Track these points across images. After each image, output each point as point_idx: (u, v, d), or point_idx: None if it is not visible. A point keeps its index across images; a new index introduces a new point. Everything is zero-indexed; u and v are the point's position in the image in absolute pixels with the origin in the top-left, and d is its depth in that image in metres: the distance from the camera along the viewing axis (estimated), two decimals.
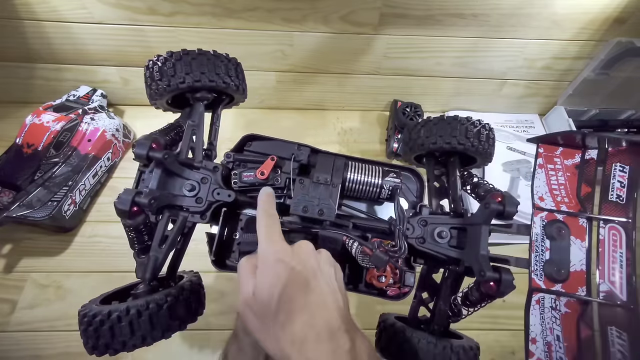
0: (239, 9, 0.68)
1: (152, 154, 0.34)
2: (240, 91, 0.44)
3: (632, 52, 0.72)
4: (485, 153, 0.42)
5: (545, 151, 0.37)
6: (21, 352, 0.58)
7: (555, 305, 0.33)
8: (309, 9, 0.68)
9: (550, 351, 0.32)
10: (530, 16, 0.71)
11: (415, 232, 0.38)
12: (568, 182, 0.36)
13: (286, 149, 0.42)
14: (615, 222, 0.33)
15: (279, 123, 0.89)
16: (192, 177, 0.37)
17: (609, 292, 0.32)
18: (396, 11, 0.69)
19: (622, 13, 0.70)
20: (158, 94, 0.39)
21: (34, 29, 0.71)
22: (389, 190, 0.41)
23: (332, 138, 0.87)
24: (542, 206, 0.35)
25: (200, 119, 0.40)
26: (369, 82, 0.85)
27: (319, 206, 0.38)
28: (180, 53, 0.38)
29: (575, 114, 0.86)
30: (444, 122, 0.43)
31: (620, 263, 0.32)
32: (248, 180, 0.39)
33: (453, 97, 0.89)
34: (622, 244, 0.32)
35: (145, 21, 0.70)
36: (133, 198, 0.32)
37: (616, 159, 0.34)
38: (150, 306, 0.31)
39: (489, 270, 0.33)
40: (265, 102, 0.89)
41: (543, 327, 0.33)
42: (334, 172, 0.40)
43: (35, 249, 0.67)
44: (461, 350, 0.36)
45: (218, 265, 0.38)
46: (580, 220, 0.35)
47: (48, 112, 0.71)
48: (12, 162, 0.67)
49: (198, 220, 0.37)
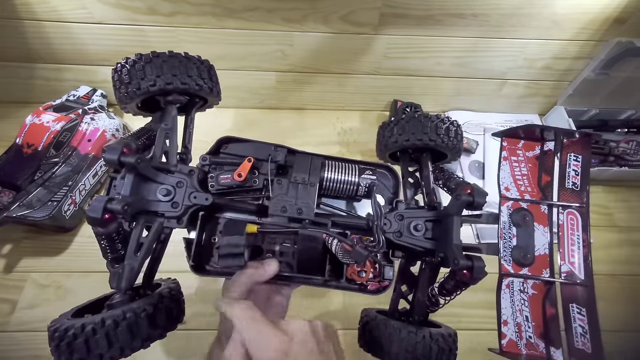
0: (239, 9, 0.68)
1: (124, 159, 0.33)
2: (215, 93, 0.43)
3: (632, 52, 0.72)
4: (454, 148, 0.45)
5: (508, 144, 0.40)
6: (21, 352, 0.58)
7: (523, 287, 0.36)
8: (309, 9, 0.68)
9: (520, 331, 0.35)
10: (530, 16, 0.71)
11: (392, 227, 0.39)
12: (530, 173, 0.39)
13: (263, 151, 0.42)
14: (572, 208, 0.37)
15: (279, 123, 0.89)
16: (166, 181, 0.36)
17: (569, 272, 0.35)
18: (396, 11, 0.69)
19: (622, 13, 0.70)
20: (128, 98, 0.37)
21: (34, 29, 0.71)
22: (365, 188, 0.42)
23: (332, 138, 0.87)
24: (508, 196, 0.38)
25: (173, 122, 0.39)
26: (369, 82, 0.85)
27: (297, 205, 0.38)
28: (149, 55, 0.37)
29: (575, 114, 0.86)
30: (416, 120, 0.45)
31: (577, 245, 0.36)
32: (225, 183, 0.38)
33: (453, 97, 0.89)
34: (579, 227, 0.36)
35: (145, 21, 0.70)
36: (105, 205, 0.31)
37: (570, 149, 0.38)
38: (127, 316, 0.30)
39: (462, 258, 0.34)
40: (265, 102, 0.89)
41: (513, 310, 0.36)
42: (311, 172, 0.40)
43: (35, 249, 0.67)
44: (440, 337, 0.37)
45: (197, 270, 0.38)
46: (542, 208, 0.38)
47: (48, 112, 0.71)
48: (12, 162, 0.67)
49: (175, 225, 0.35)
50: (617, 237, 0.77)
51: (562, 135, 0.38)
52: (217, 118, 0.87)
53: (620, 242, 0.76)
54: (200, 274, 0.38)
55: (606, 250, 0.75)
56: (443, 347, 0.36)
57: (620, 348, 0.64)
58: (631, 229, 0.78)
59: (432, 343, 0.36)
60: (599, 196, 0.82)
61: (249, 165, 0.38)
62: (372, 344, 0.40)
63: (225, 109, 0.89)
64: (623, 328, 0.66)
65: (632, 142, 0.85)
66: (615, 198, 0.82)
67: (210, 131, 0.85)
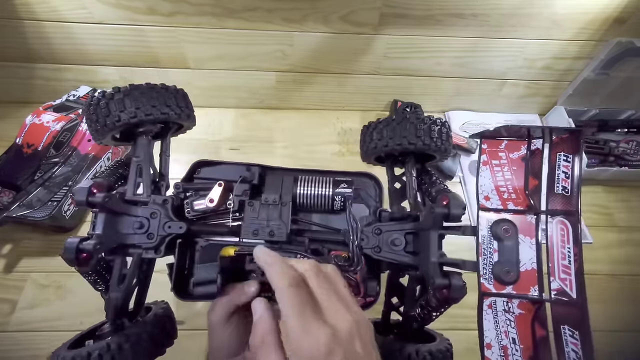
0: (239, 9, 0.68)
1: (92, 200, 0.33)
2: (191, 119, 0.44)
3: (632, 52, 0.72)
4: (439, 149, 0.41)
5: (489, 147, 0.35)
6: (21, 352, 0.58)
7: (508, 307, 0.32)
8: (309, 9, 0.68)
9: (506, 355, 0.31)
10: (530, 16, 0.71)
11: (370, 242, 0.37)
12: (514, 176, 0.34)
13: (235, 172, 0.41)
14: (562, 216, 0.32)
15: (279, 123, 0.89)
16: (140, 213, 0.36)
17: (559, 289, 0.31)
18: (396, 11, 0.69)
19: (622, 13, 0.70)
20: (99, 134, 0.38)
21: (34, 29, 0.71)
22: (341, 202, 0.40)
23: (332, 138, 0.87)
24: (488, 206, 0.34)
25: (145, 153, 0.39)
26: (369, 82, 0.85)
27: (269, 228, 0.37)
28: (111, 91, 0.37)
29: (575, 114, 0.86)
30: (394, 122, 0.42)
31: (568, 259, 0.31)
32: (200, 209, 0.38)
33: (453, 97, 0.89)
34: (570, 238, 0.31)
35: (145, 21, 0.70)
36: (77, 246, 0.31)
37: (560, 148, 0.33)
38: (111, 348, 0.31)
39: (438, 277, 0.32)
40: (265, 102, 0.89)
41: (497, 331, 0.32)
42: (283, 190, 0.39)
43: (35, 249, 0.67)
44: (427, 355, 0.35)
45: (180, 295, 0.37)
46: (528, 217, 0.33)
47: (48, 112, 0.71)
48: (12, 162, 0.67)
49: (152, 255, 0.36)
50: (617, 237, 0.76)
51: (551, 132, 0.33)
52: (217, 118, 0.87)
53: (620, 242, 0.76)
54: (183, 299, 0.38)
55: (606, 250, 0.75)
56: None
57: (620, 348, 0.64)
58: (631, 229, 0.78)
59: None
60: (599, 196, 0.82)
61: (219, 189, 0.38)
62: None
63: (225, 109, 0.89)
64: (623, 328, 0.66)
65: (632, 142, 0.85)
66: (615, 198, 0.82)
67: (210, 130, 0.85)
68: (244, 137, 0.86)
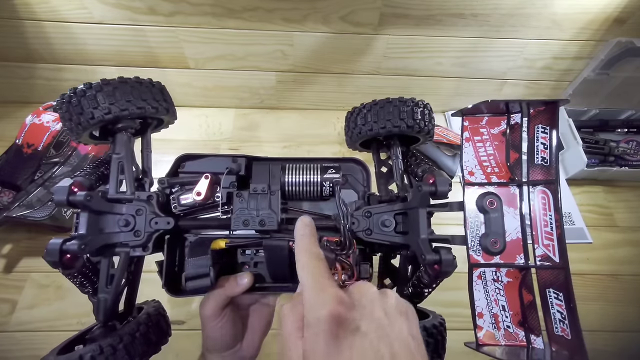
0: (239, 9, 0.68)
1: (73, 199, 0.32)
2: (171, 113, 0.42)
3: (632, 52, 0.73)
4: (422, 130, 0.42)
5: (470, 123, 0.36)
6: (21, 352, 0.58)
7: (497, 277, 0.34)
8: (309, 9, 0.68)
9: (497, 322, 0.33)
10: (530, 16, 0.71)
11: (361, 225, 0.37)
12: (497, 151, 0.35)
13: (221, 164, 0.40)
14: (542, 185, 0.34)
15: (279, 123, 0.89)
16: (125, 211, 0.35)
17: (544, 255, 0.33)
18: (396, 11, 0.69)
19: (622, 13, 0.70)
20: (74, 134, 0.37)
21: (34, 29, 0.71)
22: (330, 187, 0.40)
23: (332, 138, 0.87)
24: (472, 180, 0.35)
25: (126, 149, 0.38)
26: (369, 82, 0.85)
27: (259, 217, 0.36)
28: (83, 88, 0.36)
29: (575, 114, 0.86)
30: (377, 106, 0.42)
31: (551, 226, 0.33)
32: (187, 203, 0.37)
33: (453, 97, 0.89)
34: (550, 205, 0.33)
35: (145, 21, 0.70)
36: (61, 247, 0.30)
37: (537, 120, 0.34)
38: (104, 350, 0.30)
39: (429, 253, 0.33)
40: (265, 102, 0.89)
41: (488, 300, 0.33)
42: (270, 179, 0.39)
43: (35, 249, 0.67)
44: (433, 329, 0.36)
45: (172, 292, 0.37)
46: (511, 189, 0.34)
47: (48, 112, 0.71)
48: (12, 162, 0.67)
49: (140, 253, 0.35)
50: (617, 237, 0.76)
51: (528, 106, 0.34)
52: (217, 118, 0.87)
53: (620, 242, 0.76)
54: (175, 295, 0.37)
55: (606, 250, 0.75)
56: (428, 340, 0.35)
57: (620, 348, 0.64)
58: (631, 229, 0.78)
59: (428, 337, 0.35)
60: (599, 196, 0.82)
61: (206, 182, 0.37)
62: None
63: (225, 109, 0.89)
64: (624, 328, 0.66)
65: (632, 142, 0.85)
66: (615, 198, 0.82)
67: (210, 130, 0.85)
68: (243, 137, 0.86)
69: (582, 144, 0.79)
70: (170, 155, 0.43)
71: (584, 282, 0.70)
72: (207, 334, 0.36)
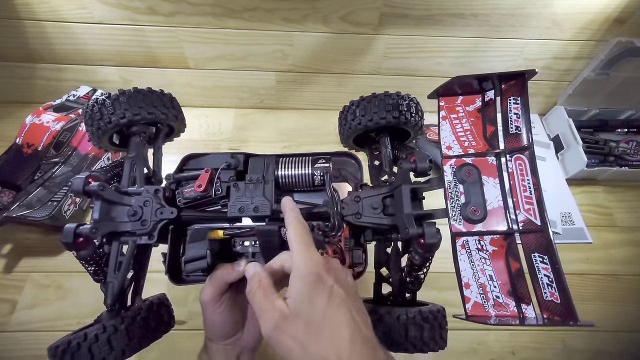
0: (239, 9, 0.68)
1: (88, 189, 0.36)
2: (180, 120, 0.47)
3: (632, 52, 0.73)
4: (409, 121, 0.43)
5: (446, 103, 0.38)
6: (21, 352, 0.58)
7: (481, 245, 0.34)
8: (309, 9, 0.68)
9: (485, 292, 0.33)
10: (530, 16, 0.71)
11: (350, 209, 0.39)
12: (473, 127, 0.37)
13: (221, 160, 0.43)
14: (518, 152, 0.35)
15: (279, 123, 0.89)
16: (134, 202, 0.38)
17: (526, 220, 0.33)
18: (396, 11, 0.69)
19: (622, 13, 0.70)
20: (95, 137, 0.42)
21: (34, 29, 0.71)
22: (321, 177, 0.42)
23: (332, 138, 0.87)
24: (450, 154, 0.37)
25: (138, 150, 0.43)
26: (369, 82, 0.85)
27: (253, 204, 0.39)
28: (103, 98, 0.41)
29: (575, 114, 0.86)
30: (364, 101, 0.45)
31: (529, 190, 0.33)
32: (190, 196, 0.40)
33: None
34: (527, 170, 0.34)
35: (145, 21, 0.70)
36: (75, 230, 0.34)
37: (509, 93, 0.36)
38: (107, 329, 0.33)
39: (412, 226, 0.34)
40: (265, 102, 0.89)
41: (474, 270, 0.33)
42: (265, 171, 0.42)
43: (35, 249, 0.67)
44: (418, 314, 0.36)
45: (174, 280, 0.39)
46: (489, 159, 0.36)
47: (48, 112, 0.71)
48: (12, 162, 0.67)
49: (146, 241, 0.38)
50: (617, 237, 0.76)
51: (499, 81, 0.36)
52: (217, 118, 0.87)
53: (620, 242, 0.76)
54: (177, 283, 0.40)
55: (606, 250, 0.75)
56: (421, 324, 0.36)
57: (620, 348, 0.64)
58: (631, 229, 0.78)
59: (409, 322, 0.36)
60: (599, 196, 0.82)
61: (206, 175, 0.40)
62: None
63: (225, 109, 0.89)
64: (623, 328, 0.66)
65: (632, 142, 0.85)
66: (615, 198, 0.82)
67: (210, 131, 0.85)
68: (243, 137, 0.86)
69: (582, 144, 0.79)
70: (171, 155, 0.44)
71: (583, 282, 0.70)
72: (208, 321, 0.38)
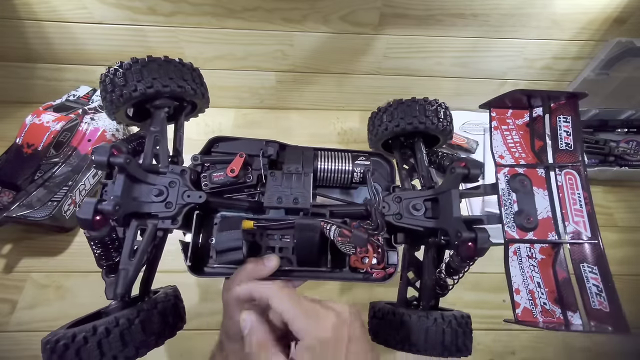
0: (239, 9, 0.68)
1: (113, 160, 0.32)
2: (200, 96, 0.42)
3: (632, 52, 0.72)
4: (445, 130, 0.45)
5: (497, 114, 0.40)
6: (21, 352, 0.58)
7: (531, 253, 0.35)
8: (309, 9, 0.68)
9: (534, 298, 0.34)
10: (530, 16, 0.71)
11: (391, 209, 0.39)
12: (522, 139, 0.39)
13: (254, 146, 0.41)
14: (569, 167, 0.36)
15: (279, 123, 0.89)
16: (158, 182, 0.35)
17: (575, 231, 0.34)
18: (396, 11, 0.69)
19: (622, 13, 0.70)
20: (113, 106, 0.37)
21: (34, 29, 0.71)
22: (360, 174, 0.41)
23: (332, 138, 0.87)
24: (503, 163, 0.38)
25: (162, 125, 0.39)
26: (369, 82, 0.85)
27: (293, 195, 0.37)
28: (129, 62, 0.37)
29: None
30: (403, 104, 0.45)
31: (579, 203, 0.35)
32: (219, 181, 0.38)
33: (453, 97, 0.89)
34: (578, 185, 0.36)
35: (145, 21, 0.70)
36: (96, 206, 0.30)
37: (559, 112, 0.38)
38: (120, 322, 0.28)
39: (465, 230, 0.34)
40: (265, 102, 0.89)
41: (524, 277, 0.35)
42: (304, 162, 0.40)
43: (35, 249, 0.67)
44: (453, 319, 0.36)
45: (195, 271, 0.37)
46: (539, 171, 0.37)
47: (48, 112, 0.71)
48: (12, 162, 0.67)
49: (169, 225, 0.34)
50: (617, 237, 0.76)
51: (549, 99, 0.38)
52: (217, 118, 0.87)
53: (620, 242, 0.76)
54: (198, 275, 0.37)
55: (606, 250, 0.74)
56: (456, 329, 0.36)
57: (620, 348, 0.64)
58: (631, 229, 0.78)
59: (445, 326, 0.36)
60: (599, 196, 0.82)
61: (241, 160, 0.38)
62: (383, 334, 0.39)
63: (225, 109, 0.89)
64: None
65: (632, 142, 0.85)
66: (615, 198, 0.82)
67: (210, 130, 0.85)
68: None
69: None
70: None
71: None
72: (232, 320, 0.35)
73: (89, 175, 0.70)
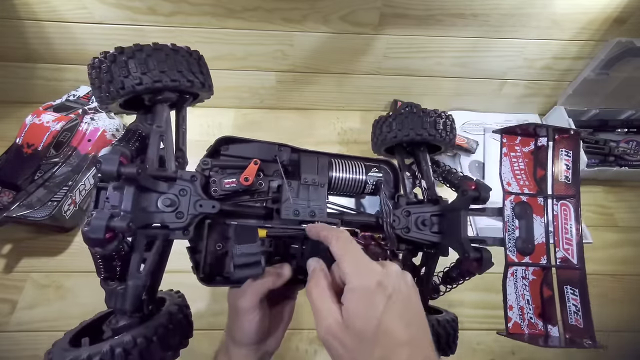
0: (239, 9, 0.68)
1: (124, 170, 0.28)
2: (206, 88, 0.39)
3: (632, 52, 0.72)
4: (450, 142, 0.47)
5: (508, 141, 0.42)
6: (21, 352, 0.58)
7: (525, 274, 0.39)
8: (309, 9, 0.68)
9: (523, 313, 0.38)
10: (530, 16, 0.71)
11: (401, 223, 0.40)
12: (527, 167, 0.41)
13: (266, 151, 0.40)
14: (565, 199, 0.39)
15: (279, 123, 0.89)
16: (169, 190, 0.32)
17: (564, 258, 0.38)
18: (396, 11, 0.69)
19: (622, 13, 0.70)
20: (109, 98, 0.33)
21: (34, 29, 0.71)
22: (372, 185, 0.42)
23: (332, 138, 0.87)
24: (510, 190, 0.40)
25: (166, 123, 0.35)
26: (369, 82, 0.85)
27: (310, 208, 0.37)
28: (132, 49, 0.33)
29: (575, 114, 0.86)
30: (414, 114, 0.46)
31: (571, 233, 0.38)
32: (230, 188, 0.36)
33: (453, 97, 0.89)
34: (571, 216, 0.39)
35: (145, 21, 0.70)
36: (107, 223, 0.27)
37: (562, 144, 0.40)
38: (138, 341, 0.27)
39: (472, 251, 0.36)
40: (265, 102, 0.89)
41: (517, 295, 0.38)
42: (319, 172, 0.40)
43: (35, 249, 0.67)
44: (435, 322, 0.39)
45: (206, 281, 0.35)
46: (539, 200, 0.40)
47: (48, 112, 0.71)
48: (12, 162, 0.67)
49: (180, 236, 0.33)
50: (617, 237, 0.76)
51: (555, 132, 0.40)
52: (217, 118, 0.87)
53: (620, 242, 0.76)
54: (209, 284, 0.35)
55: (606, 250, 0.75)
56: (449, 331, 0.38)
57: (620, 348, 0.64)
58: (631, 229, 0.78)
59: (440, 329, 0.38)
60: (599, 196, 0.82)
61: (255, 168, 0.36)
62: None
63: (225, 109, 0.89)
64: (623, 328, 0.66)
65: (632, 142, 0.85)
66: (615, 198, 0.82)
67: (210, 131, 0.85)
68: None
69: (582, 144, 0.79)
70: None
71: None
72: (242, 328, 0.34)
73: (89, 175, 0.70)
